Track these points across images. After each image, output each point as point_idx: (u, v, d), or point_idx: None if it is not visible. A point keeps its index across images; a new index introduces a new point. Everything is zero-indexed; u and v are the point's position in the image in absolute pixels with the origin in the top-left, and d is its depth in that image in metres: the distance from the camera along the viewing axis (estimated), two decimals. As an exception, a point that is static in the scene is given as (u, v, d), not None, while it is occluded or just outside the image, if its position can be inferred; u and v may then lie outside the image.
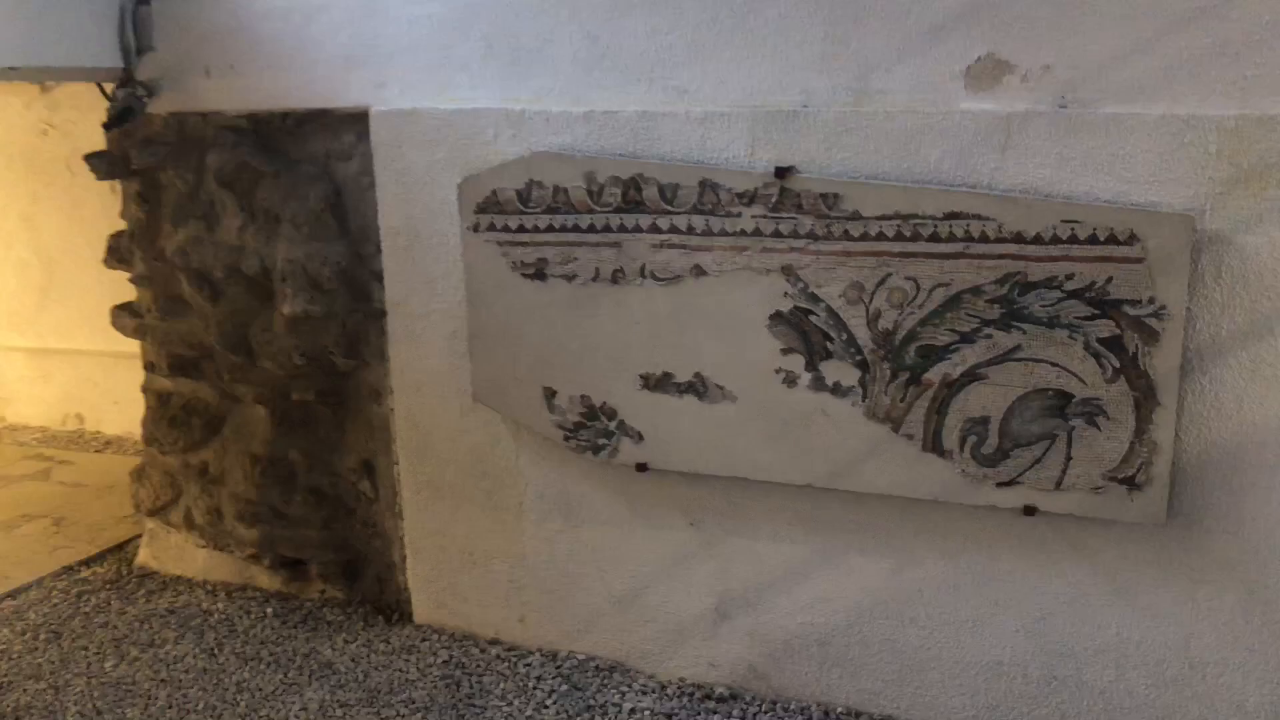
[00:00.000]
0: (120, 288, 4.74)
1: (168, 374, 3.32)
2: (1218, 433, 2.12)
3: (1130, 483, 2.15)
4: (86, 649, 2.95)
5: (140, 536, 3.62)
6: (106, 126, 3.15)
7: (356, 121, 2.87)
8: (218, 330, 3.14)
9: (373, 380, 3.02)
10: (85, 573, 3.46)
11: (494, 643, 2.89)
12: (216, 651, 2.92)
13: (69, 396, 5.03)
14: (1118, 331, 2.10)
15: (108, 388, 4.92)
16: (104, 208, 4.72)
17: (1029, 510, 2.25)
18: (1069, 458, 2.19)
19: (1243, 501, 2.12)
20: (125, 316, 3.45)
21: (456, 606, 2.97)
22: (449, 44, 2.70)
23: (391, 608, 3.12)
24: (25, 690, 2.74)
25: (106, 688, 2.75)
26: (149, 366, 3.41)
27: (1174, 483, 2.13)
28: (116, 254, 3.42)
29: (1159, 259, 2.04)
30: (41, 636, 3.03)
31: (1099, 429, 2.16)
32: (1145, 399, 2.11)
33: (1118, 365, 2.11)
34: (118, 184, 4.66)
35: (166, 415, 3.39)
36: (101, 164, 3.29)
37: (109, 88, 3.22)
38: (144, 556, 3.52)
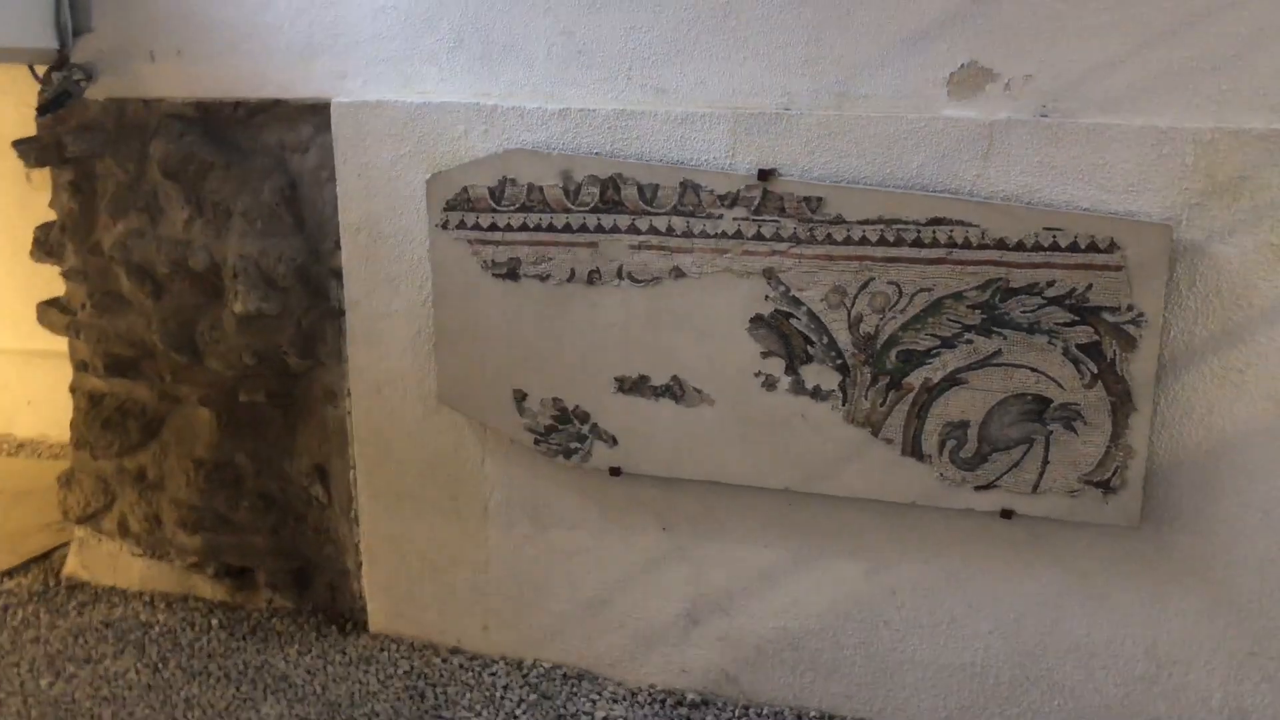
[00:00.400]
0: (33, 282, 4.52)
1: (103, 374, 3.15)
2: (1189, 437, 2.18)
3: (1105, 486, 2.20)
4: (18, 666, 2.78)
5: (67, 545, 3.44)
6: (40, 111, 2.98)
7: (315, 113, 2.76)
8: (161, 328, 3.00)
9: (328, 381, 2.91)
10: (8, 584, 3.27)
11: (456, 652, 2.82)
12: (160, 666, 2.78)
13: (-21, 397, 4.75)
14: (1096, 338, 2.14)
15: (19, 388, 4.67)
16: (15, 197, 4.48)
17: (1006, 514, 2.28)
18: (1046, 462, 2.23)
19: (1211, 504, 2.19)
20: (54, 313, 3.27)
21: (415, 615, 2.89)
22: (416, 35, 2.62)
23: (345, 617, 3.01)
24: (-48, 711, 2.57)
25: (45, 707, 2.59)
26: (81, 366, 3.24)
27: (1146, 486, 2.18)
28: (45, 246, 3.23)
29: (1138, 267, 2.08)
30: (-35, 653, 2.85)
31: (1076, 433, 2.19)
32: (1122, 404, 2.15)
33: (1096, 371, 2.16)
34: (33, 173, 4.45)
35: (99, 417, 3.22)
36: (31, 151, 3.10)
37: (40, 70, 3.04)
38: (72, 566, 3.34)
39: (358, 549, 2.95)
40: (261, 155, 2.87)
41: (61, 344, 4.53)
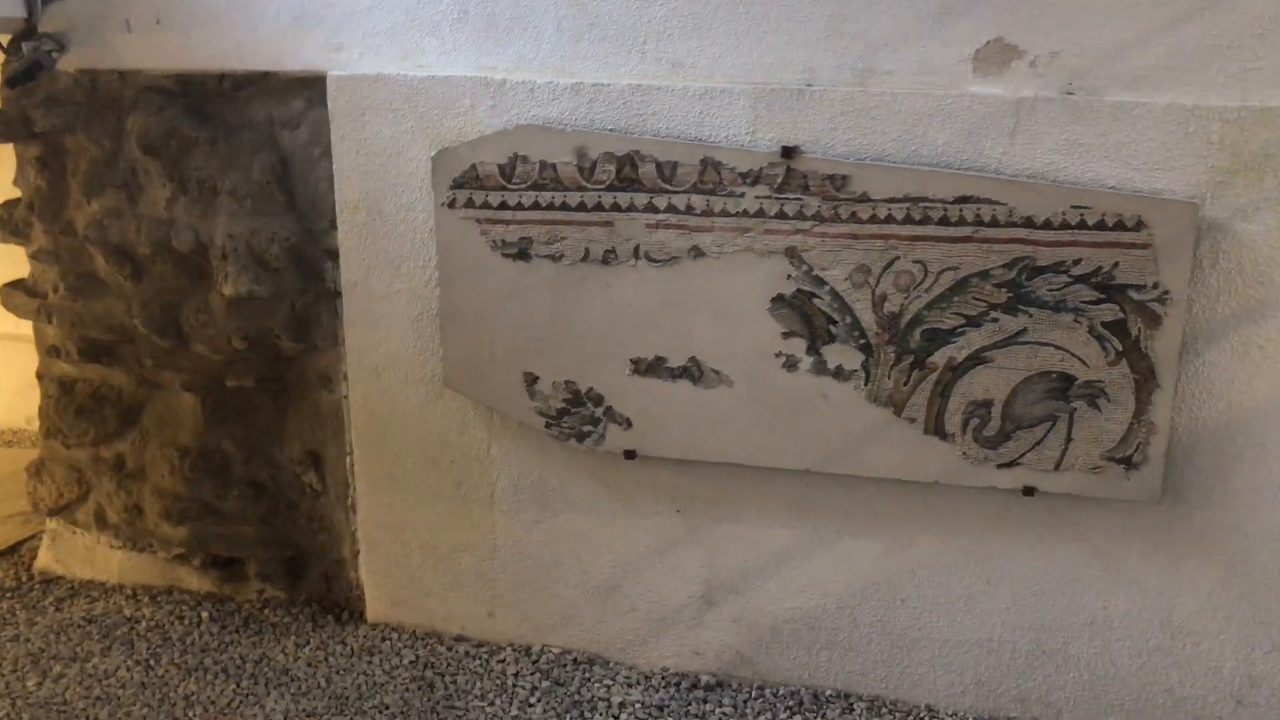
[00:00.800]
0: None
1: (77, 359, 3.01)
2: (1208, 413, 2.21)
3: (1128, 462, 2.22)
4: (0, 666, 2.66)
5: (35, 538, 3.29)
6: (9, 83, 2.81)
7: (307, 86, 2.66)
8: (142, 312, 2.87)
9: (323, 366, 2.81)
10: (-23, 580, 3.12)
11: (460, 639, 2.76)
12: (153, 663, 2.67)
13: (-81, 383, 4.51)
14: (1122, 315, 2.16)
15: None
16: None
17: (1028, 491, 2.30)
18: (1069, 439, 2.24)
19: (1229, 479, 2.23)
20: (20, 296, 3.11)
21: (417, 603, 2.82)
22: (417, 6, 2.53)
23: (341, 606, 2.93)
24: (-66, 717, 2.44)
25: (36, 710, 2.47)
26: (51, 351, 3.08)
27: (1167, 462, 2.21)
28: (9, 225, 3.06)
29: (1165, 245, 2.10)
30: (-60, 654, 2.71)
31: (1100, 410, 2.21)
32: (1145, 381, 2.18)
33: (1120, 348, 2.17)
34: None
35: (73, 404, 3.08)
36: (-4, 125, 2.94)
37: (4, 39, 2.87)
38: (45, 560, 3.19)
39: (354, 537, 2.87)
40: (249, 130, 2.75)
41: (5, 325, 4.34)
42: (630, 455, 2.51)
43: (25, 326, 4.25)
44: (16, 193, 3.03)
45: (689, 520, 2.56)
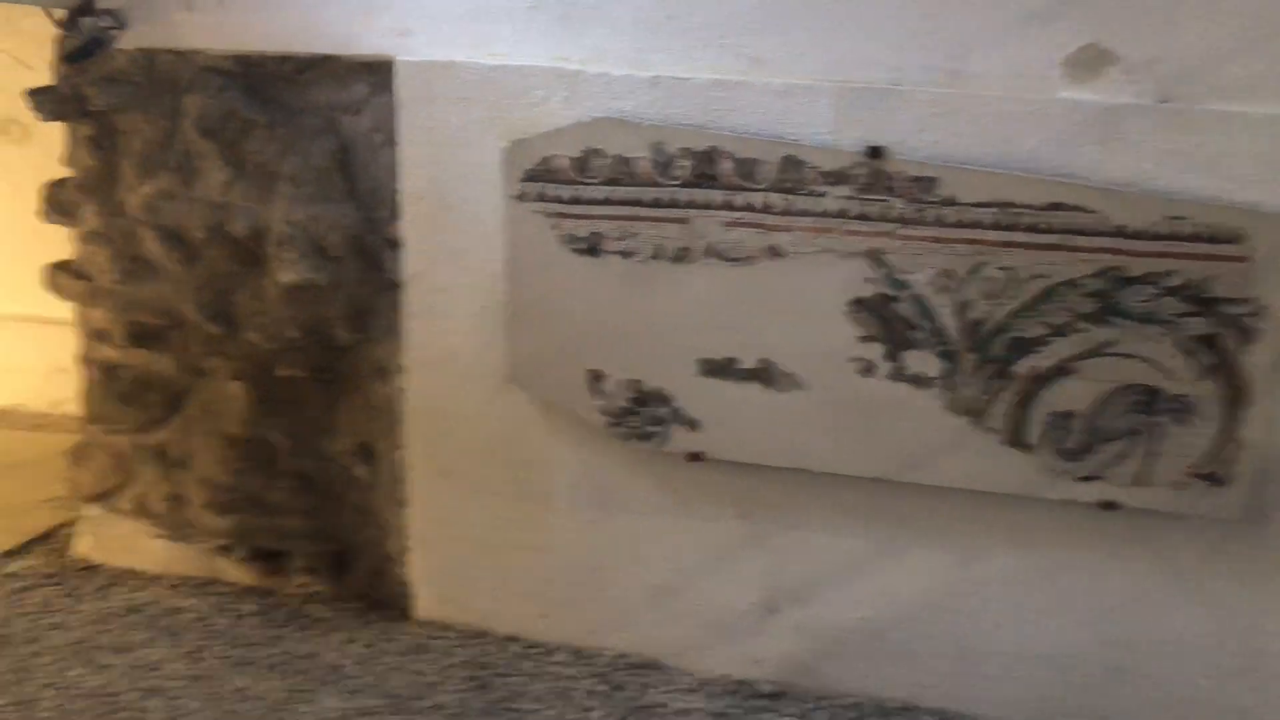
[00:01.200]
0: (4, 243, 4.25)
1: (124, 344, 2.96)
2: (1298, 430, 2.16)
3: (1213, 479, 2.18)
4: (43, 656, 2.60)
5: (71, 524, 3.24)
6: (68, 60, 2.75)
7: (371, 72, 2.61)
8: (194, 297, 2.82)
9: (378, 357, 2.76)
10: (14, 566, 3.06)
11: (512, 640, 2.71)
12: (200, 655, 2.62)
13: (-57, 364, 4.46)
14: (1214, 330, 2.11)
15: (-12, 354, 4.40)
16: (-6, 153, 4.21)
17: (1108, 505, 2.25)
18: (1154, 453, 2.20)
19: (1315, 498, 2.18)
20: (67, 278, 3.05)
21: (467, 602, 2.77)
22: (491, -9, 2.48)
23: (387, 603, 2.88)
24: (-17, 705, 2.39)
25: (83, 700, 2.42)
26: (96, 335, 3.03)
27: (1254, 479, 2.17)
28: (58, 206, 3.01)
29: (1263, 259, 2.05)
30: (-17, 642, 2.66)
31: (1186, 426, 2.17)
32: (1235, 397, 2.13)
33: (1210, 363, 2.13)
34: (10, 125, 4.17)
35: (116, 390, 3.03)
36: (48, 102, 2.89)
37: (62, 15, 2.82)
38: (83, 547, 3.14)
39: (404, 532, 2.81)
40: (310, 115, 2.70)
41: (35, 307, 4.28)
42: (695, 457, 2.47)
43: (54, 309, 4.20)
44: (64, 173, 2.98)
45: (753, 525, 2.51)
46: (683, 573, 2.59)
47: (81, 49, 2.74)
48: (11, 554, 3.13)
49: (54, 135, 4.08)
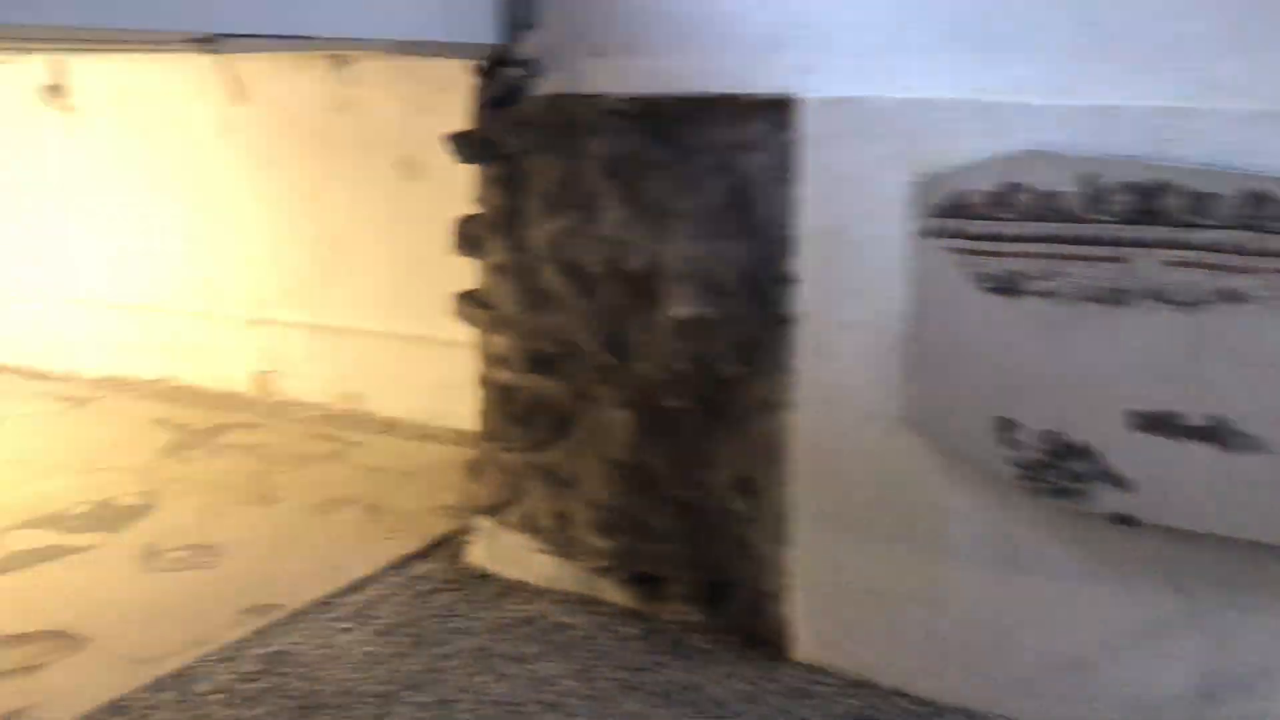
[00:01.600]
0: (401, 270, 4.70)
1: (524, 369, 3.15)
2: None
3: None
4: (451, 659, 2.81)
5: (462, 532, 3.49)
6: (490, 107, 2.98)
7: (770, 109, 2.61)
8: (592, 328, 2.95)
9: (764, 392, 2.76)
10: (418, 569, 3.35)
11: (898, 694, 2.61)
12: (591, 675, 2.73)
13: (346, 375, 4.99)
14: None
15: (386, 369, 4.87)
16: (391, 188, 4.66)
17: None
18: None
19: None
20: (472, 306, 3.30)
21: (851, 649, 2.70)
22: (901, 24, 2.41)
23: (763, 640, 2.86)
24: (409, 703, 2.60)
25: (491, 706, 2.59)
26: (498, 360, 3.25)
27: None
28: (469, 241, 3.26)
29: None
30: (402, 639, 2.90)
31: None
32: None
33: None
34: (409, 164, 4.60)
35: (511, 411, 3.23)
36: (468, 146, 3.14)
37: (476, 66, 3.06)
38: (477, 556, 3.38)
39: (784, 570, 2.79)
40: (706, 153, 2.74)
41: (423, 328, 4.69)
42: (1123, 520, 2.25)
43: (439, 331, 4.59)
44: (467, 209, 3.22)
45: (1190, 600, 2.26)
46: (1100, 645, 2.37)
47: (501, 97, 2.95)
48: (417, 557, 3.43)
49: (446, 173, 4.46)
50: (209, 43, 2.18)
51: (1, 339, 5.63)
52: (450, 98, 4.34)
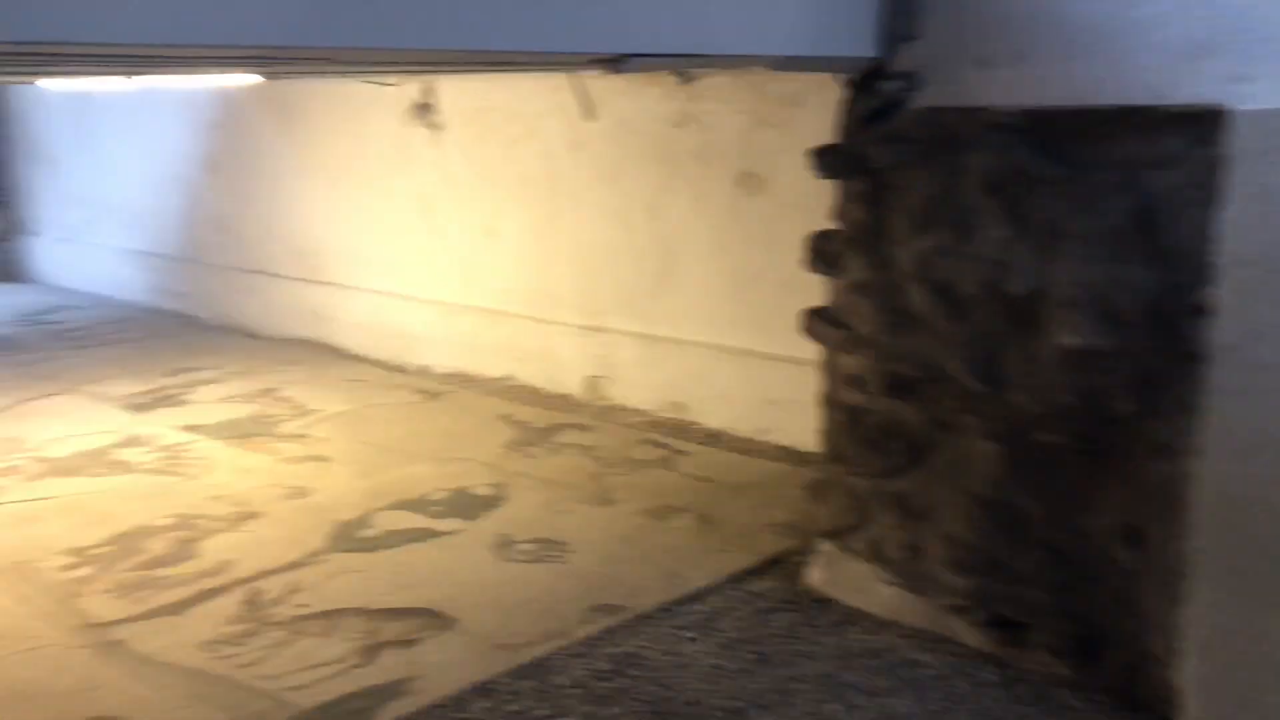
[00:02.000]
0: (731, 284, 4.73)
1: (880, 392, 3.05)
2: None
3: None
4: (799, 682, 2.76)
5: (798, 552, 3.44)
6: (866, 121, 2.92)
7: (1190, 122, 2.36)
8: (960, 353, 2.80)
9: (1162, 434, 2.50)
10: (755, 585, 3.33)
11: (1318, 790, 2.27)
12: (943, 717, 2.58)
13: (672, 385, 5.09)
14: None
15: (711, 380, 4.92)
16: (729, 203, 4.69)
17: None
18: None
19: None
20: (824, 324, 3.24)
21: (1254, 727, 2.39)
22: (1368, 25, 2.09)
23: (1145, 705, 2.60)
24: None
25: (848, 738, 2.51)
26: (848, 380, 3.17)
27: None
28: (825, 257, 3.20)
29: None
30: (747, 656, 2.89)
31: None
32: None
33: None
34: (749, 178, 4.62)
35: (861, 435, 3.14)
36: (829, 160, 3.08)
37: (849, 79, 2.99)
38: (817, 579, 3.31)
39: (1175, 632, 2.51)
40: (1105, 170, 2.53)
41: (751, 343, 4.70)
42: None
43: (769, 346, 4.58)
44: (820, 225, 3.16)
45: None
46: None
47: (878, 111, 2.87)
48: (753, 572, 3.41)
49: (786, 188, 4.46)
50: (616, 63, 2.26)
51: (367, 335, 6.23)
52: (794, 112, 4.36)
